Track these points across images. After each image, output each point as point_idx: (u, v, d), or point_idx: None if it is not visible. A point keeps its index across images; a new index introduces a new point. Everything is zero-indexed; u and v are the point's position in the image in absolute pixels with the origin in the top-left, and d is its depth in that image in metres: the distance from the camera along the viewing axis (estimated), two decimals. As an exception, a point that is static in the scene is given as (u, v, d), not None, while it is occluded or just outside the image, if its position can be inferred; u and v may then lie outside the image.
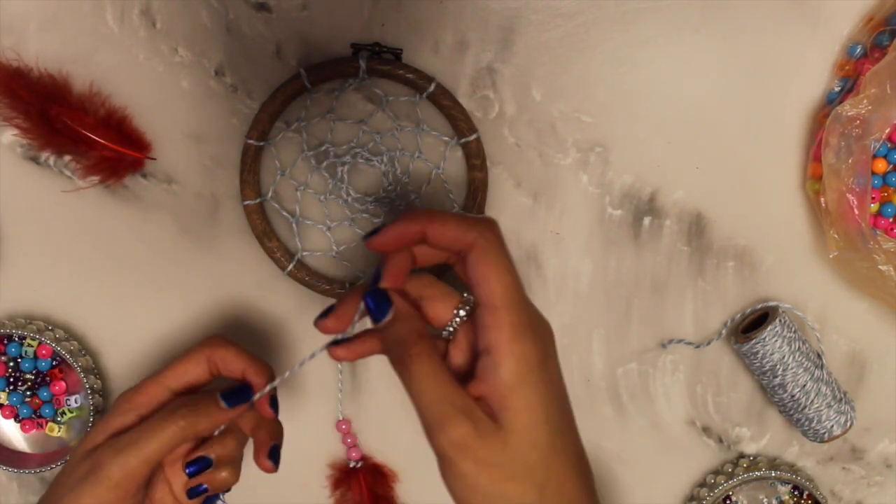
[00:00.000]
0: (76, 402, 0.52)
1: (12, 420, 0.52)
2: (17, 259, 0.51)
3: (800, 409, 0.51)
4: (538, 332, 0.35)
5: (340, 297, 0.38)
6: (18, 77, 0.48)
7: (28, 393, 0.52)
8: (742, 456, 0.55)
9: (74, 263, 0.51)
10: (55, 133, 0.48)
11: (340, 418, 0.54)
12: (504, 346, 0.34)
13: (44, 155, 0.50)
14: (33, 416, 0.52)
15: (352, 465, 0.54)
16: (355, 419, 0.54)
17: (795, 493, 0.55)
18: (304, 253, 0.51)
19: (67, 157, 0.50)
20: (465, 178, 0.51)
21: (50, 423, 0.52)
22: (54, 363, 0.52)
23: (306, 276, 0.51)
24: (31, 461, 0.52)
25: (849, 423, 0.52)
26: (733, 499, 0.55)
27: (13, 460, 0.52)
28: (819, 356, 0.52)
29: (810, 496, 0.54)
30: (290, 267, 0.50)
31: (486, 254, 0.34)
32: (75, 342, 0.51)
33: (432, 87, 0.49)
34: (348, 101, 0.50)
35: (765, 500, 0.55)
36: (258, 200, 0.50)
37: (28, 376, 0.52)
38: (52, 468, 0.51)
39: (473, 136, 0.49)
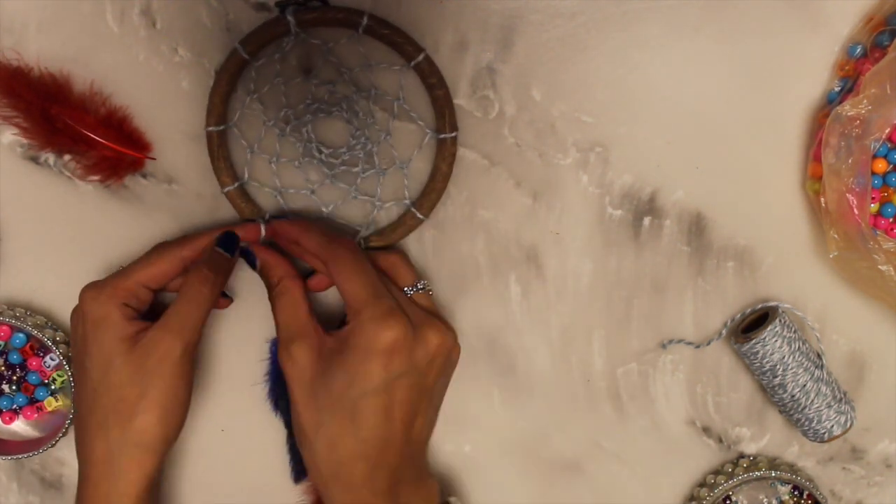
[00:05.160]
0: (52, 360, 0.52)
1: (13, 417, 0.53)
2: (17, 259, 0.51)
3: (800, 409, 0.51)
4: (391, 326, 0.42)
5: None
6: (19, 77, 0.48)
7: (14, 387, 0.52)
8: (742, 456, 0.55)
9: (74, 263, 0.51)
10: (55, 133, 0.48)
11: None
12: (352, 329, 0.42)
13: (44, 155, 0.50)
14: (28, 403, 0.52)
15: None
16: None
17: (795, 493, 0.55)
18: None
19: (67, 157, 0.50)
20: (428, 100, 0.50)
21: (48, 399, 0.52)
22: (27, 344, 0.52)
23: None
24: (41, 441, 0.52)
25: (849, 423, 0.52)
26: (733, 499, 0.55)
27: (22, 447, 0.52)
28: (819, 356, 0.52)
29: (810, 496, 0.54)
30: None
31: (337, 266, 0.44)
32: (65, 346, 0.51)
33: (365, 21, 0.47)
34: (291, 60, 0.49)
35: (765, 500, 0.55)
36: (237, 184, 0.50)
37: (15, 373, 0.52)
38: (55, 442, 0.51)
39: (421, 56, 0.48)
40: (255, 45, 0.48)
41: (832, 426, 0.51)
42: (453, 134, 0.49)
